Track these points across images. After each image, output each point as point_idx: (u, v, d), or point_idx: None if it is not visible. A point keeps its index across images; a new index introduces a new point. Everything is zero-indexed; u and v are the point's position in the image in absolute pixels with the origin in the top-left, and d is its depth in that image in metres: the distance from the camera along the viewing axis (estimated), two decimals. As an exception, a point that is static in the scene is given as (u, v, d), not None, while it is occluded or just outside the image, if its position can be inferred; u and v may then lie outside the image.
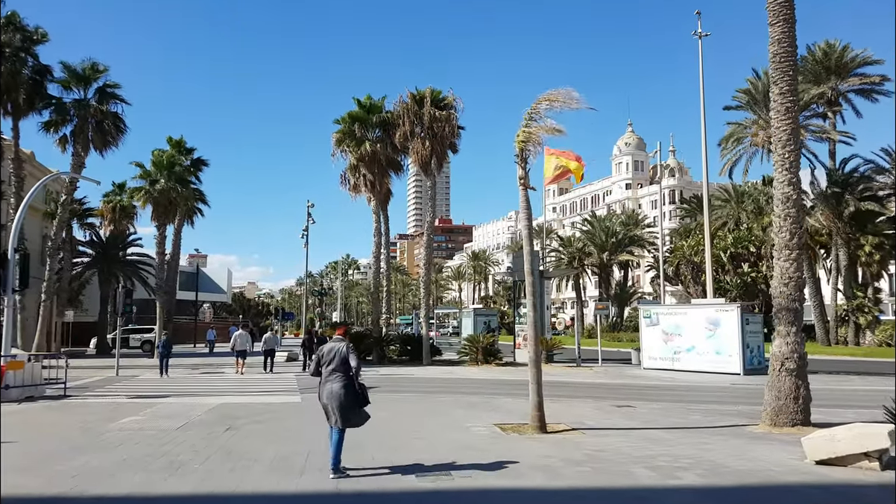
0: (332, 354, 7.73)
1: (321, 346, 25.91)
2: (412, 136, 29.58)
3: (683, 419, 12.52)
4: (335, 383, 7.59)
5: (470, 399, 15.66)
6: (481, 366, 27.55)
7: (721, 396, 17.39)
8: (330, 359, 7.72)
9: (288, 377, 22.90)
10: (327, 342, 8.04)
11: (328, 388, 7.62)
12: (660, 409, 14.26)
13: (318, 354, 7.92)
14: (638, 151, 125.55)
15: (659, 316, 27.10)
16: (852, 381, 21.62)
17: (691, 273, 57.10)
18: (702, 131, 51.12)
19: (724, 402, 15.68)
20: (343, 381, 7.61)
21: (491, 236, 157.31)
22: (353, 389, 7.65)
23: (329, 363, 7.70)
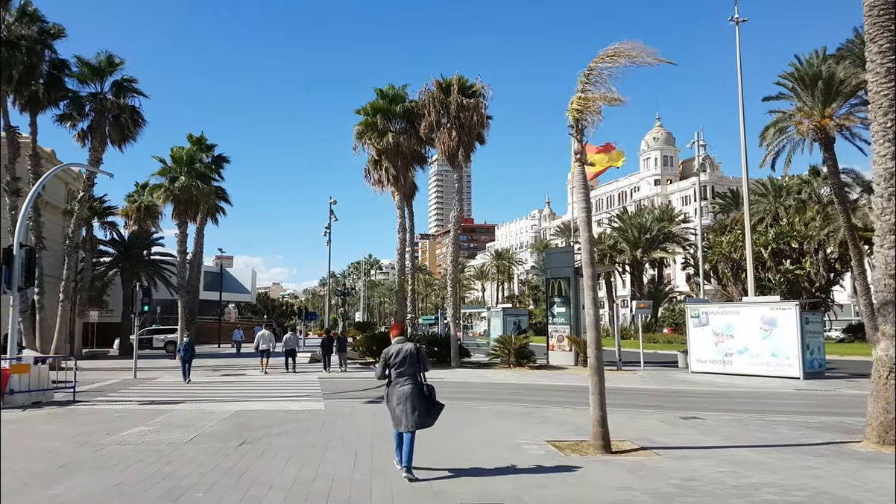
0: (400, 356, 7.45)
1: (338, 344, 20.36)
2: (438, 127, 28.13)
3: (768, 434, 10.84)
4: (406, 385, 7.37)
5: (511, 408, 14.12)
6: (514, 368, 25.99)
7: (791, 405, 15.62)
8: (398, 361, 7.44)
9: (310, 379, 21.61)
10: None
11: (400, 391, 7.37)
12: (733, 420, 12.57)
13: (385, 356, 7.58)
14: (667, 146, 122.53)
15: (709, 315, 25.26)
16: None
17: (730, 270, 54.78)
18: (740, 121, 48.71)
19: (800, 412, 13.91)
20: (415, 383, 7.42)
21: (514, 235, 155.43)
22: (424, 390, 7.47)
23: (398, 365, 7.44)
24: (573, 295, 28.78)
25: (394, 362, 7.47)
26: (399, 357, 7.46)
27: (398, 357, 7.46)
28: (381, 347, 30.24)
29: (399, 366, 7.44)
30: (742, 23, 48.18)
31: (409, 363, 7.45)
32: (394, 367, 7.47)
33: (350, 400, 15.58)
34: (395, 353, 7.51)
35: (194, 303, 41.71)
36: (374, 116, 28.57)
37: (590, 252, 9.60)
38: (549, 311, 29.66)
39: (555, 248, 52.83)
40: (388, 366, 7.52)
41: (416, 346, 7.72)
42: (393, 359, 7.49)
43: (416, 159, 30.30)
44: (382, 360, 7.61)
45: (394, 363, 7.47)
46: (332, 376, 23.03)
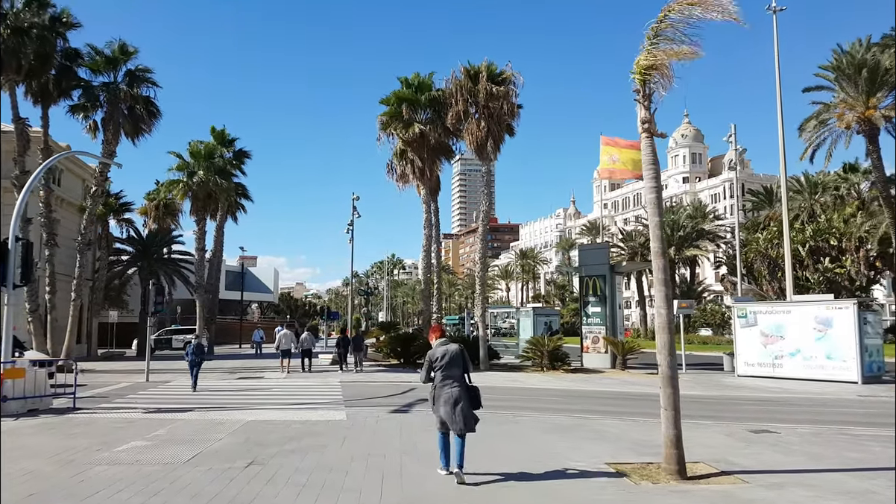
0: (445, 358, 7.34)
1: (354, 344, 24.05)
2: (466, 117, 26.66)
3: (860, 453, 9.17)
4: (454, 388, 7.28)
5: (557, 419, 12.55)
6: (547, 372, 24.40)
7: (861, 414, 13.86)
8: (444, 363, 7.33)
9: (331, 383, 20.25)
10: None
11: (448, 394, 7.26)
12: (810, 434, 10.89)
13: (430, 359, 7.45)
14: (695, 143, 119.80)
15: (757, 315, 23.43)
16: None
17: (767, 269, 52.43)
18: (777, 114, 46.49)
19: (874, 423, 12.14)
20: (462, 385, 7.34)
21: (538, 235, 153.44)
22: (470, 392, 7.39)
23: (444, 367, 7.32)
24: (609, 293, 27.15)
25: (439, 364, 7.33)
26: (445, 359, 7.32)
27: (444, 359, 7.32)
28: (405, 349, 29.12)
29: (445, 368, 7.31)
30: (780, 12, 46.08)
31: (455, 365, 7.36)
32: (439, 369, 7.33)
33: (374, 409, 14.16)
34: (441, 355, 7.35)
35: (214, 302, 40.83)
36: (400, 106, 27.17)
37: (660, 240, 8.02)
38: (584, 311, 28.03)
39: (589, 245, 50.89)
40: (433, 368, 7.38)
41: (460, 346, 7.58)
42: (438, 361, 7.34)
43: (443, 152, 28.85)
44: (427, 363, 7.46)
45: (439, 365, 7.33)
46: (355, 379, 21.68)
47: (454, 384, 7.28)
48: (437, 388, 7.35)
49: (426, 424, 10.96)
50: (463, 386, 7.34)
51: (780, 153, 46.84)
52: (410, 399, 15.83)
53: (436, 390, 7.37)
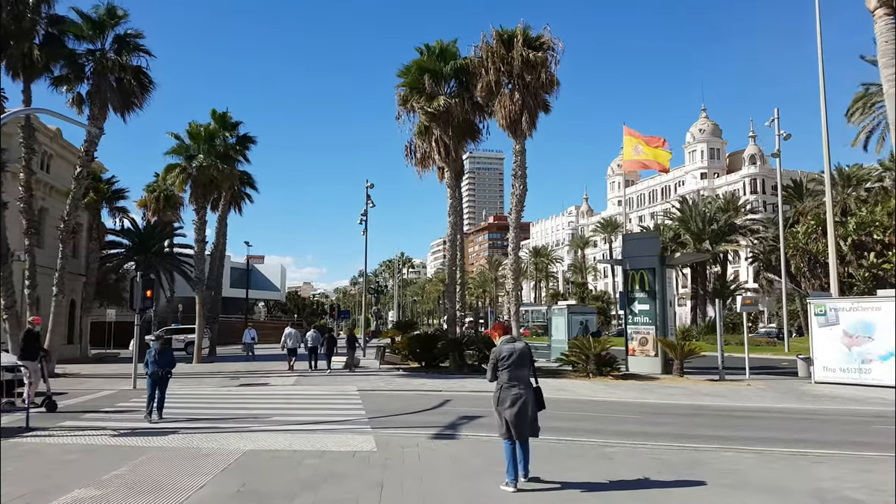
0: (513, 357, 6.97)
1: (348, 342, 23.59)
2: (497, 89, 23.54)
3: None
4: (523, 389, 6.96)
5: (658, 452, 9.35)
6: (594, 378, 21.24)
7: None
8: (511, 362, 6.96)
9: (349, 392, 17.16)
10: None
11: (515, 395, 6.91)
12: None
13: (496, 357, 7.04)
14: (713, 138, 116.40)
15: (838, 312, 20.20)
16: None
17: (807, 264, 49.09)
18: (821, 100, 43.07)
19: None
20: (531, 387, 7.06)
21: (549, 233, 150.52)
22: (536, 394, 7.07)
23: (512, 367, 6.95)
24: (659, 288, 23.95)
25: (506, 364, 6.99)
26: (512, 358, 6.98)
27: (511, 358, 6.99)
28: (427, 350, 25.91)
29: (513, 367, 6.98)
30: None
31: (524, 364, 7.06)
32: (506, 368, 6.99)
33: (408, 431, 11.05)
34: (508, 353, 7.01)
35: (217, 299, 37.90)
36: (421, 77, 24.02)
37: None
38: (629, 309, 24.83)
39: (636, 234, 47.55)
40: (498, 368, 7.03)
41: (527, 345, 7.31)
42: (505, 360, 6.99)
43: (468, 131, 25.71)
44: (493, 362, 7.12)
45: (506, 365, 6.99)
46: (376, 387, 18.56)
47: (524, 386, 6.95)
48: (504, 389, 6.94)
49: (488, 460, 8.19)
50: (534, 388, 7.03)
51: (824, 143, 43.34)
52: (450, 416, 12.72)
53: (501, 392, 6.96)
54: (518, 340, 7.28)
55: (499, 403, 7.01)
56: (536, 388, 7.11)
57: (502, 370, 6.98)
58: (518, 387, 6.93)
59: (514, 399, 6.89)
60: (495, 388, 7.09)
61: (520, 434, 6.91)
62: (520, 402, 6.87)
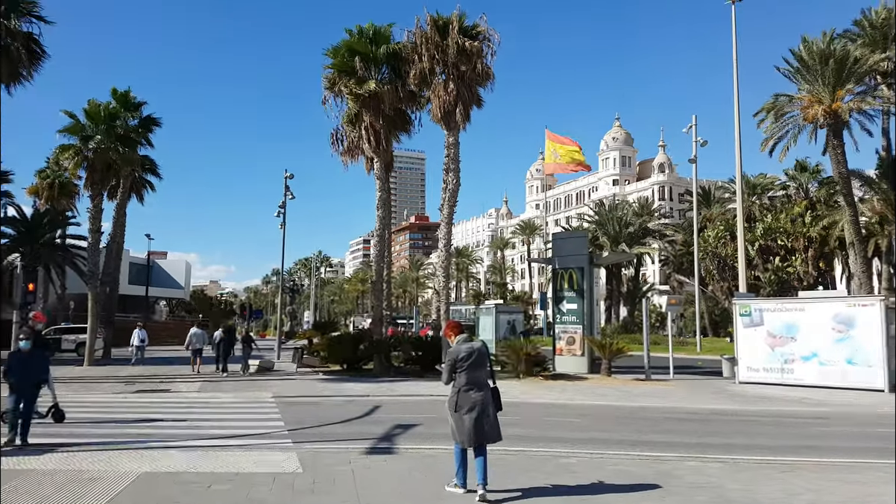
0: (472, 358, 6.50)
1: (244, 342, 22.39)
2: (431, 76, 22.46)
3: None
4: (482, 392, 6.50)
5: (616, 462, 8.52)
6: (524, 379, 20.54)
7: None
8: (471, 363, 6.47)
9: (263, 399, 15.50)
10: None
11: (474, 399, 6.43)
12: None
13: (453, 358, 6.52)
14: (626, 147, 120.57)
15: (763, 313, 20.46)
16: None
17: (716, 267, 51.16)
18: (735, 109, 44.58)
19: None
20: (489, 388, 6.60)
21: (470, 234, 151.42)
22: (494, 396, 6.65)
23: (470, 368, 6.47)
24: (587, 287, 23.63)
25: (464, 365, 6.48)
26: (471, 359, 6.48)
27: (470, 358, 6.48)
28: (350, 352, 24.51)
29: (471, 369, 6.48)
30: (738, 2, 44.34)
31: (482, 365, 6.58)
32: (464, 370, 6.47)
33: (337, 445, 9.71)
34: (467, 354, 6.51)
35: (113, 297, 34.62)
36: (352, 59, 22.52)
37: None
38: (557, 308, 24.41)
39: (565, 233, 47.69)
40: (456, 369, 6.50)
41: (484, 344, 6.86)
42: (464, 361, 6.47)
43: (400, 121, 24.46)
44: (450, 364, 6.56)
45: (464, 367, 6.48)
46: (298, 393, 16.96)
47: (481, 388, 6.50)
48: (462, 392, 6.48)
49: (435, 476, 7.23)
50: (489, 389, 6.59)
51: (736, 152, 44.88)
52: (382, 425, 11.45)
53: (459, 395, 6.49)
54: (475, 339, 6.83)
55: (456, 408, 6.50)
56: (494, 388, 6.68)
57: (460, 372, 6.49)
58: (477, 389, 6.50)
59: (473, 403, 6.44)
60: (451, 392, 6.57)
61: (480, 440, 6.46)
62: (479, 406, 6.43)
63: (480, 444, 6.50)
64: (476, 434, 6.41)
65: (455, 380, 6.55)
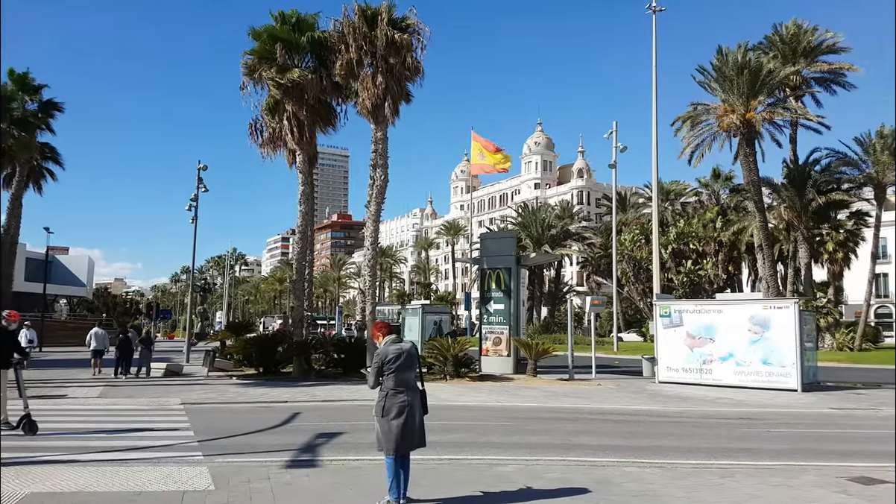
0: (401, 359, 6.07)
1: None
2: (359, 68, 21.69)
3: None
4: (411, 395, 6.09)
5: (551, 469, 8.20)
6: (451, 381, 20.16)
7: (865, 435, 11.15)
8: (399, 365, 6.05)
9: (170, 406, 14.30)
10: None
11: (402, 401, 6.02)
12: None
13: (381, 360, 6.05)
14: (547, 151, 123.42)
15: (682, 314, 20.99)
16: None
17: (632, 270, 52.82)
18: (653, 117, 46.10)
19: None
20: (418, 391, 6.22)
21: (395, 234, 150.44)
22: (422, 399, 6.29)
23: (399, 370, 6.05)
24: (514, 287, 23.55)
25: (392, 367, 6.04)
26: (400, 360, 6.07)
27: (399, 360, 6.07)
28: (267, 355, 23.24)
29: (400, 371, 6.06)
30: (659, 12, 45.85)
31: (411, 367, 6.17)
32: (392, 373, 6.03)
33: (255, 456, 8.88)
34: (396, 355, 6.08)
35: (5, 294, 31.69)
36: (274, 45, 21.39)
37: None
38: (484, 308, 24.20)
39: (493, 233, 47.58)
40: (384, 372, 6.06)
41: (413, 345, 6.45)
42: (392, 363, 6.04)
43: (325, 113, 23.52)
44: (377, 366, 6.10)
45: (392, 369, 6.04)
46: (207, 400, 15.78)
47: (410, 391, 6.13)
48: (390, 396, 6.06)
49: (365, 491, 6.65)
50: (418, 392, 6.24)
51: (653, 154, 46.35)
52: (303, 434, 10.66)
53: (387, 399, 6.06)
54: (404, 340, 6.45)
55: (384, 413, 6.06)
56: (422, 391, 6.32)
57: (388, 375, 6.07)
58: (406, 393, 6.09)
59: (401, 407, 6.04)
60: (379, 396, 6.13)
61: (408, 447, 6.09)
62: (407, 410, 6.04)
63: (408, 450, 6.13)
64: (404, 441, 6.02)
65: (383, 383, 6.12)
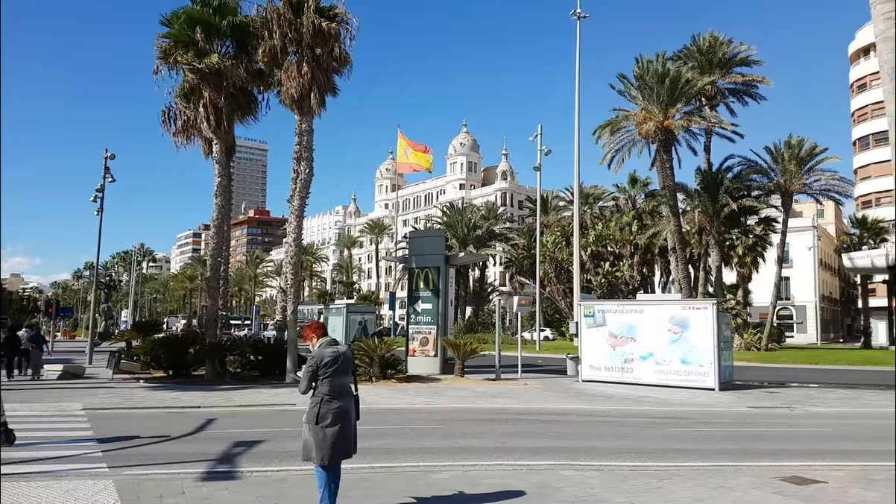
0: (338, 363, 5.70)
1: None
2: (283, 56, 20.70)
3: None
4: (346, 401, 5.75)
5: (489, 472, 7.88)
6: (377, 383, 19.57)
7: (785, 434, 11.58)
8: (335, 369, 5.67)
9: (72, 412, 13.00)
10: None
11: (338, 408, 5.64)
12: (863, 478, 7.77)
13: (316, 363, 5.65)
14: (472, 153, 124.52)
15: (606, 314, 21.33)
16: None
17: (554, 271, 53.87)
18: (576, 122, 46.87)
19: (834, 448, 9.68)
20: (353, 397, 5.89)
21: (315, 231, 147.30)
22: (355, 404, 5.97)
23: (334, 375, 5.67)
24: (443, 287, 23.26)
25: (328, 372, 5.65)
26: (337, 364, 5.70)
27: (335, 364, 5.69)
28: (178, 356, 21.85)
29: (335, 375, 5.68)
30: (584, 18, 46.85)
31: (346, 371, 5.83)
32: (328, 377, 5.64)
33: (167, 468, 8.05)
34: (332, 358, 5.70)
35: None
36: (192, 28, 20.01)
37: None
38: (412, 308, 23.79)
39: (422, 231, 46.98)
40: (319, 376, 5.66)
41: (349, 347, 6.83)
42: (329, 367, 5.65)
43: (245, 102, 22.34)
44: (311, 370, 5.68)
45: (328, 373, 5.64)
46: (112, 406, 14.48)
47: (345, 397, 5.77)
48: (324, 402, 5.65)
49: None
50: (352, 398, 5.89)
51: (576, 158, 47.27)
52: (219, 442, 9.85)
53: (321, 406, 5.64)
54: (334, 344, 5.99)
55: (318, 420, 5.65)
56: (355, 396, 6.01)
57: (324, 379, 5.68)
58: (341, 399, 5.74)
59: (337, 414, 5.66)
60: (312, 402, 5.73)
61: (344, 456, 5.76)
62: (343, 418, 5.69)
63: (341, 460, 5.80)
64: (339, 450, 5.66)
65: (316, 388, 5.71)
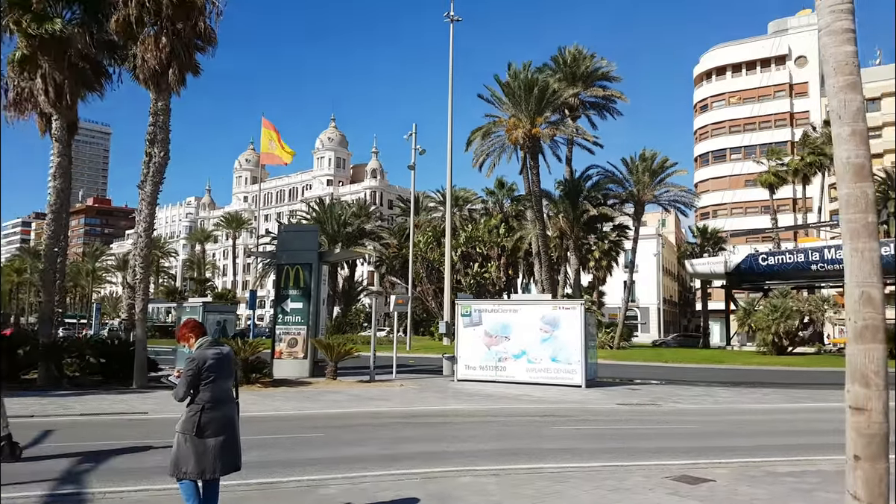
0: (220, 365, 5.15)
1: None
2: (139, 27, 18.63)
3: None
4: (229, 409, 5.20)
5: (380, 483, 7.30)
6: (241, 388, 18.05)
7: (660, 431, 12.19)
8: (217, 373, 5.12)
9: None
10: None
11: (222, 417, 5.09)
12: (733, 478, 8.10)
13: (198, 366, 5.04)
14: (340, 148, 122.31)
15: (482, 313, 21.45)
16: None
17: (425, 271, 54.01)
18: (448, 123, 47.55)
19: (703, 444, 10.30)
20: (235, 404, 5.32)
21: (164, 224, 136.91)
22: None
23: (216, 380, 5.10)
24: (315, 286, 22.20)
25: (211, 376, 5.05)
26: (218, 368, 5.12)
27: (218, 367, 5.10)
28: (3, 359, 19.03)
29: (217, 380, 5.11)
30: (457, 21, 47.51)
31: (229, 375, 5.28)
32: (210, 382, 5.05)
33: None
34: (215, 361, 5.11)
35: None
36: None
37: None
38: (280, 307, 22.43)
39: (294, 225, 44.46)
40: (201, 381, 5.04)
41: (231, 349, 5.86)
42: (212, 371, 5.06)
43: (94, 76, 19.91)
44: (193, 374, 5.02)
45: (211, 377, 5.05)
46: None
47: (228, 403, 5.19)
48: (206, 410, 5.01)
49: None
50: (235, 405, 5.29)
51: (448, 160, 47.87)
52: (62, 457, 8.40)
53: (203, 414, 4.99)
54: (217, 345, 5.39)
55: (199, 432, 5.02)
56: (236, 402, 5.45)
57: (206, 384, 5.08)
58: (224, 406, 5.18)
59: (221, 424, 5.09)
60: (190, 410, 5.08)
61: (227, 468, 5.13)
62: (228, 427, 5.15)
63: (223, 474, 5.19)
64: (223, 462, 5.08)
65: (195, 394, 5.08)
